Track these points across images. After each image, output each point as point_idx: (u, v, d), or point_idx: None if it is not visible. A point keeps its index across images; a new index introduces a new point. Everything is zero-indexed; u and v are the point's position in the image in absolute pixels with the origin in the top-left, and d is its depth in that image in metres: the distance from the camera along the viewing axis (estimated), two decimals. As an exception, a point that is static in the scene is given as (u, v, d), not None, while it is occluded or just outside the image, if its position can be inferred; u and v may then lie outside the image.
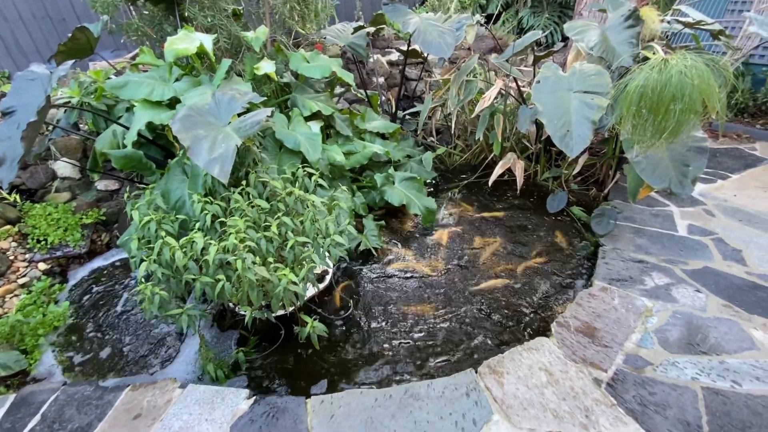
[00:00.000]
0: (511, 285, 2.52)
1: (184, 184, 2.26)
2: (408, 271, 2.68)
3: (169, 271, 1.92)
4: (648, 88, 1.82)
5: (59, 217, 2.94)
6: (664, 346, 1.94)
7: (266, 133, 2.72)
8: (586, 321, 2.08)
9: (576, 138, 2.32)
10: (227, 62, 2.61)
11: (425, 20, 3.26)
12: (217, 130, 2.02)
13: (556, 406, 1.66)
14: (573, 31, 2.80)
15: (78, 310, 2.56)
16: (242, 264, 1.76)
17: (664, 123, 1.85)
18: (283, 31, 3.74)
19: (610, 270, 2.43)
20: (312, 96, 3.16)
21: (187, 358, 2.18)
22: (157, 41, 3.21)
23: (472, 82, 3.48)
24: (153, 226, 1.99)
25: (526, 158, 3.68)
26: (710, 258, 2.50)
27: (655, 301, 2.20)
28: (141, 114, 2.41)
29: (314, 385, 1.99)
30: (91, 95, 2.76)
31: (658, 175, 2.33)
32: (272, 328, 2.25)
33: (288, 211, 2.17)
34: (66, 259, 2.93)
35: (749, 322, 2.04)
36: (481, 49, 5.03)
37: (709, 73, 1.79)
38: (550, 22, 5.78)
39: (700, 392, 1.71)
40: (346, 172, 3.14)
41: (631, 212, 2.99)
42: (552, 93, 2.51)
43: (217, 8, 2.94)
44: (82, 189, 3.17)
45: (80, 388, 1.88)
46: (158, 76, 2.64)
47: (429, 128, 4.40)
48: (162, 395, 1.81)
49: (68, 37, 2.65)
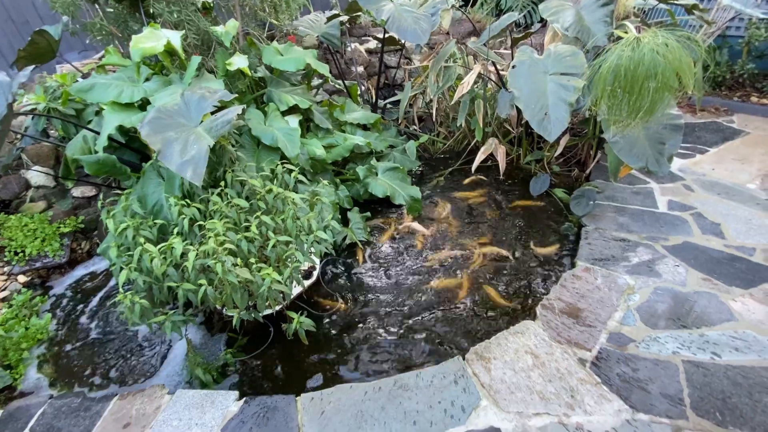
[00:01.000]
0: (496, 269, 2.54)
1: (160, 187, 2.21)
2: (397, 260, 2.68)
3: (150, 278, 1.89)
4: (621, 67, 1.81)
5: (36, 227, 2.86)
6: (646, 322, 1.97)
7: (242, 131, 2.66)
8: (570, 302, 2.11)
9: (554, 121, 2.32)
10: (197, 59, 2.53)
11: (399, 6, 3.20)
12: (188, 132, 1.97)
13: (542, 388, 1.69)
14: (548, 12, 2.77)
15: (61, 321, 2.52)
16: (222, 267, 1.74)
17: (638, 102, 1.85)
18: (256, 24, 3.63)
19: (593, 250, 2.46)
20: (288, 89, 3.09)
21: (176, 364, 2.16)
22: (124, 40, 3.10)
23: (451, 68, 3.44)
24: (130, 233, 1.95)
25: (509, 142, 3.68)
26: (690, 233, 2.54)
27: (637, 278, 2.24)
28: (111, 117, 2.34)
29: (305, 382, 1.99)
30: (57, 100, 2.66)
31: (635, 154, 2.34)
32: (261, 328, 2.24)
33: (268, 209, 2.14)
34: (46, 270, 2.87)
35: (728, 294, 2.09)
36: (459, 33, 4.97)
37: (681, 50, 1.78)
38: (528, 2, 5.72)
39: (681, 366, 1.75)
40: (328, 166, 3.10)
41: (613, 191, 3.01)
42: (528, 77, 2.49)
43: (184, 3, 2.84)
44: (57, 197, 3.09)
45: (67, 401, 1.86)
46: (126, 77, 2.55)
47: (411, 116, 4.35)
48: (151, 402, 1.80)
49: (28, 41, 2.54)
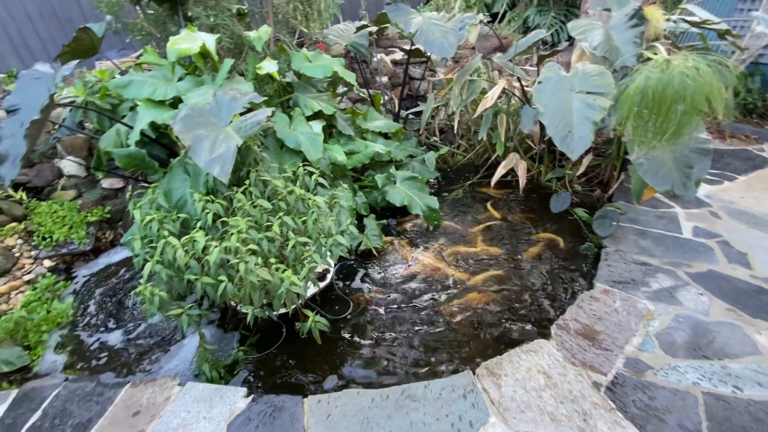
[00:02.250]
0: (511, 285, 2.51)
1: (186, 183, 2.27)
2: (410, 270, 2.68)
3: (172, 270, 1.93)
4: (649, 88, 1.80)
5: (65, 214, 2.97)
6: (665, 350, 1.91)
7: (267, 133, 2.73)
8: (586, 323, 2.07)
9: (577, 139, 2.30)
10: (229, 62, 2.62)
11: (428, 20, 3.25)
12: (218, 130, 2.03)
13: (553, 409, 1.65)
14: (576, 31, 2.77)
15: (81, 306, 2.59)
16: (245, 267, 1.77)
17: (665, 124, 1.83)
18: (287, 31, 3.74)
19: (612, 272, 2.41)
20: (314, 95, 3.16)
21: (188, 357, 2.20)
22: (162, 41, 3.23)
23: (475, 82, 3.46)
24: (155, 225, 2.00)
25: (530, 158, 3.66)
26: (715, 261, 2.47)
27: (657, 303, 2.18)
28: (144, 113, 2.43)
29: (313, 383, 2.00)
30: (95, 94, 2.78)
31: (661, 176, 2.30)
32: (274, 327, 2.26)
33: (289, 210, 2.18)
34: (71, 257, 2.96)
35: (753, 326, 2.01)
36: (485, 48, 5.00)
37: (711, 74, 1.76)
38: (556, 20, 5.73)
39: (701, 397, 1.69)
40: (348, 172, 3.14)
41: (636, 214, 2.96)
42: (553, 93, 2.49)
43: (221, 8, 2.95)
44: (87, 187, 3.21)
45: (81, 384, 1.90)
46: (161, 76, 2.66)
47: (432, 128, 4.38)
48: (161, 392, 1.82)
49: (72, 38, 2.67)
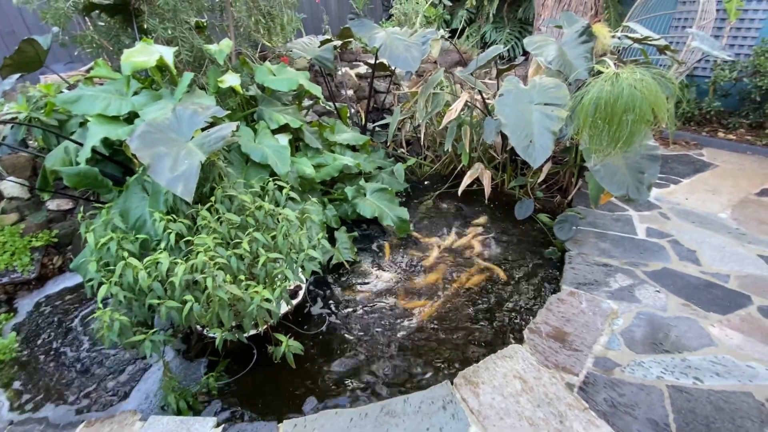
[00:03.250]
0: (483, 289, 2.55)
1: (144, 202, 2.15)
2: (381, 282, 2.66)
3: (132, 293, 1.81)
4: (602, 100, 1.92)
5: (5, 240, 2.73)
6: (630, 346, 2.00)
7: (231, 147, 2.65)
8: (556, 326, 2.13)
9: (538, 149, 2.40)
10: (189, 75, 2.53)
11: (391, 34, 3.31)
12: (179, 147, 1.95)
13: (531, 413, 1.68)
14: (532, 46, 2.92)
15: (27, 340, 2.37)
16: (213, 282, 1.69)
17: (618, 133, 1.95)
18: (249, 44, 3.68)
19: (577, 274, 2.51)
20: (279, 109, 3.12)
21: (150, 388, 2.05)
22: (114, 54, 3.08)
23: (439, 95, 3.55)
24: (113, 246, 1.87)
25: (494, 168, 3.77)
26: (668, 259, 2.63)
27: (620, 302, 2.28)
28: (96, 129, 2.29)
29: (288, 406, 1.91)
30: (40, 110, 2.60)
31: (616, 182, 2.44)
32: (244, 350, 2.16)
33: (258, 226, 2.11)
34: (13, 286, 2.72)
35: (706, 319, 2.15)
36: (446, 62, 5.16)
37: (656, 86, 1.90)
38: (512, 37, 6.01)
39: (666, 390, 1.77)
40: (317, 185, 3.10)
41: (594, 217, 3.11)
42: (514, 106, 2.59)
43: (179, 20, 2.86)
44: (31, 209, 2.97)
45: (29, 428, 1.74)
46: (115, 90, 2.52)
47: (399, 140, 4.44)
48: (121, 429, 1.68)
49: (15, 50, 2.50)
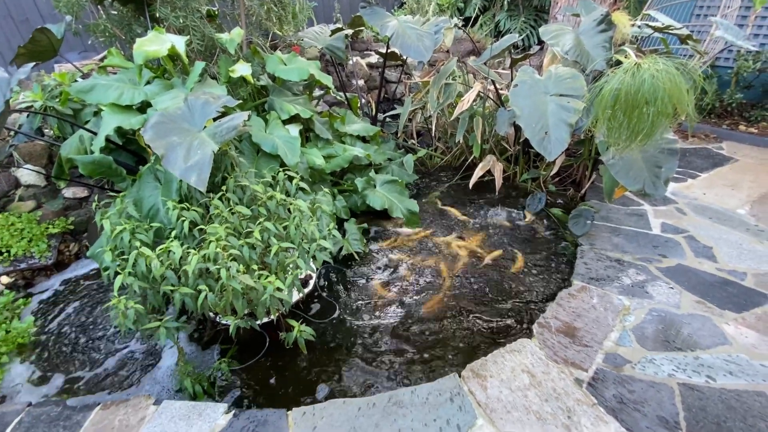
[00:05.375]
0: (492, 285, 2.53)
1: (157, 191, 2.17)
2: (391, 272, 2.66)
3: (146, 282, 1.84)
4: (622, 91, 1.86)
5: (23, 227, 2.79)
6: (641, 343, 1.98)
7: (242, 137, 2.65)
8: (566, 321, 2.11)
9: (554, 141, 2.35)
10: (200, 64, 2.53)
11: (403, 23, 3.26)
12: (191, 136, 1.95)
13: (539, 407, 1.67)
14: (548, 36, 2.84)
15: (44, 325, 2.43)
16: (227, 273, 1.71)
17: (638, 126, 1.90)
18: (260, 33, 3.66)
19: (589, 269, 2.48)
20: (290, 99, 3.10)
21: (164, 374, 2.09)
22: (126, 42, 3.09)
23: (451, 85, 3.49)
24: (126, 236, 1.90)
25: (506, 160, 3.72)
26: (683, 255, 2.58)
27: (632, 299, 2.25)
28: (109, 118, 2.31)
29: (298, 394, 1.94)
30: (55, 99, 2.63)
31: (632, 176, 2.38)
32: (256, 338, 2.19)
33: (269, 215, 2.12)
34: (31, 272, 2.78)
35: (721, 317, 2.11)
36: (459, 52, 5.07)
37: (679, 77, 1.84)
38: (527, 25, 5.88)
39: (677, 388, 1.75)
40: (327, 176, 3.10)
41: (608, 212, 3.05)
42: (529, 97, 2.54)
43: (190, 9, 2.84)
44: (48, 197, 3.03)
45: (47, 409, 1.78)
46: (128, 79, 2.54)
47: (409, 131, 4.40)
48: (135, 413, 1.73)
49: (29, 39, 2.52)
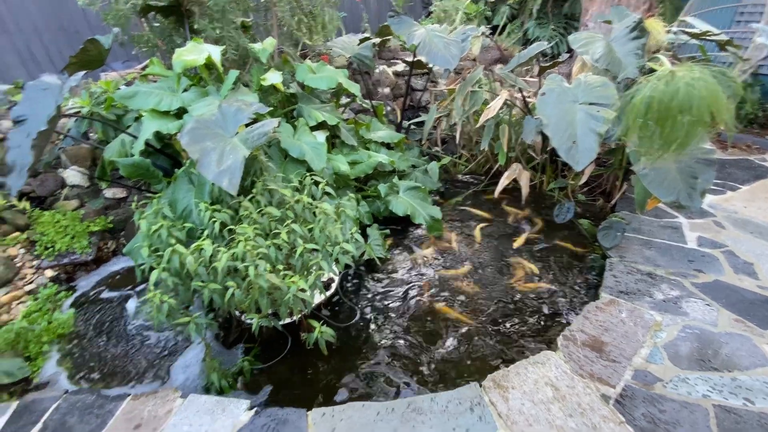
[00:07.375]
0: (515, 296, 2.49)
1: (190, 193, 2.27)
2: (412, 278, 2.66)
3: (179, 278, 1.92)
4: (655, 100, 1.81)
5: (67, 224, 2.97)
6: (674, 361, 1.89)
7: (271, 143, 2.74)
8: (593, 335, 2.05)
9: (582, 150, 2.30)
10: (234, 73, 2.64)
11: (431, 32, 3.29)
12: (224, 142, 2.04)
13: (562, 422, 1.62)
14: (578, 44, 2.80)
15: (83, 317, 2.57)
16: (254, 271, 1.76)
17: (672, 135, 1.83)
18: (291, 43, 3.78)
19: (618, 282, 2.39)
20: (318, 106, 3.18)
21: (191, 368, 2.17)
22: (167, 52, 3.26)
23: (477, 93, 3.49)
24: (164, 233, 1.99)
25: (532, 168, 3.66)
26: (721, 271, 2.45)
27: (664, 314, 2.16)
28: (149, 123, 2.44)
29: (318, 395, 1.97)
30: (101, 105, 2.80)
31: (666, 187, 2.30)
32: (278, 338, 2.24)
33: (296, 218, 2.17)
34: (73, 266, 2.95)
35: (762, 337, 1.99)
36: (486, 60, 5.05)
37: (716, 85, 1.77)
38: (556, 33, 5.80)
39: (712, 410, 1.66)
40: (351, 182, 3.14)
41: (639, 224, 2.95)
42: (557, 105, 2.50)
43: (226, 21, 2.98)
44: (90, 197, 3.21)
45: (82, 397, 1.88)
46: (167, 87, 2.68)
47: (434, 138, 4.41)
48: (163, 405, 1.80)
49: (80, 49, 2.71)
